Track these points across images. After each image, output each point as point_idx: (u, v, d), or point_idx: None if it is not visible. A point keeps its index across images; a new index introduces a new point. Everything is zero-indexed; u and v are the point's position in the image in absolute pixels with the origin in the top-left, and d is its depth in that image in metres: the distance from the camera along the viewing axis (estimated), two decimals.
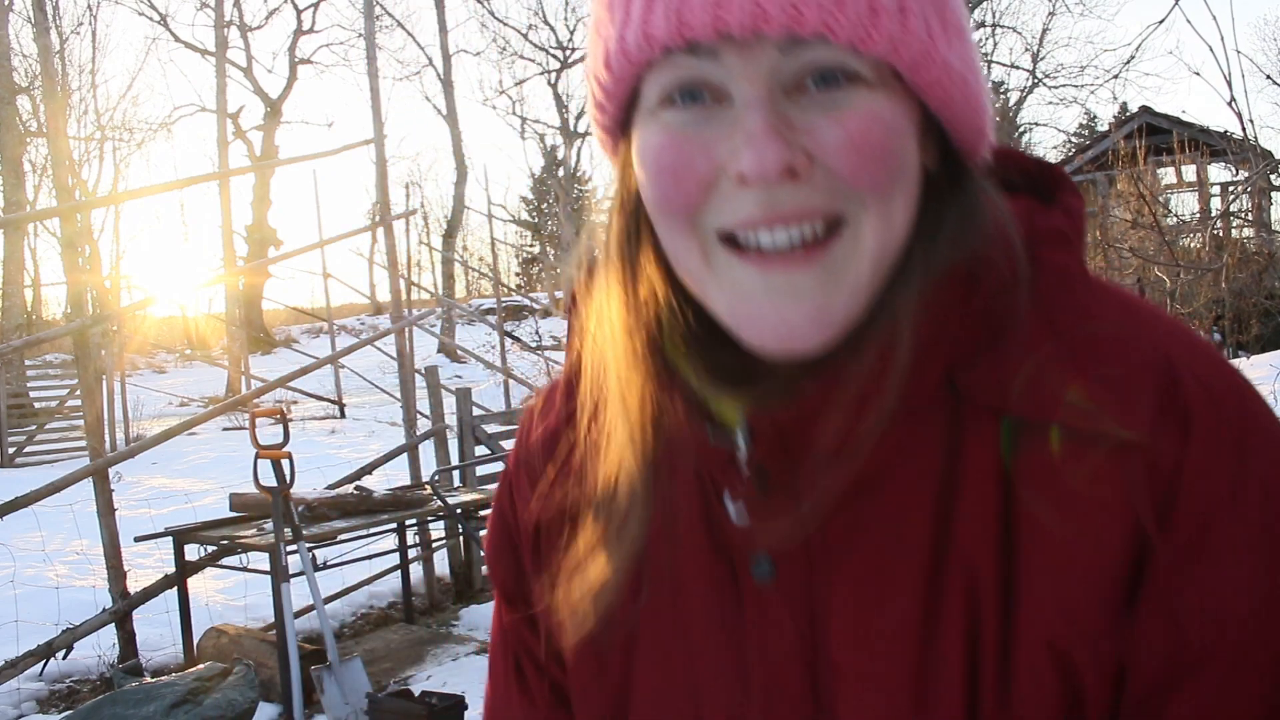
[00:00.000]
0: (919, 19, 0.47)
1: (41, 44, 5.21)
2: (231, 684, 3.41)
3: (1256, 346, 8.70)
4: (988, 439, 0.50)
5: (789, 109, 0.48)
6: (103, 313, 6.82)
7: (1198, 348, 0.51)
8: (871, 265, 0.49)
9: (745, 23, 0.45)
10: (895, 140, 0.48)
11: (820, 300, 0.49)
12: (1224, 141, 6.35)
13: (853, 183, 0.48)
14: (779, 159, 0.46)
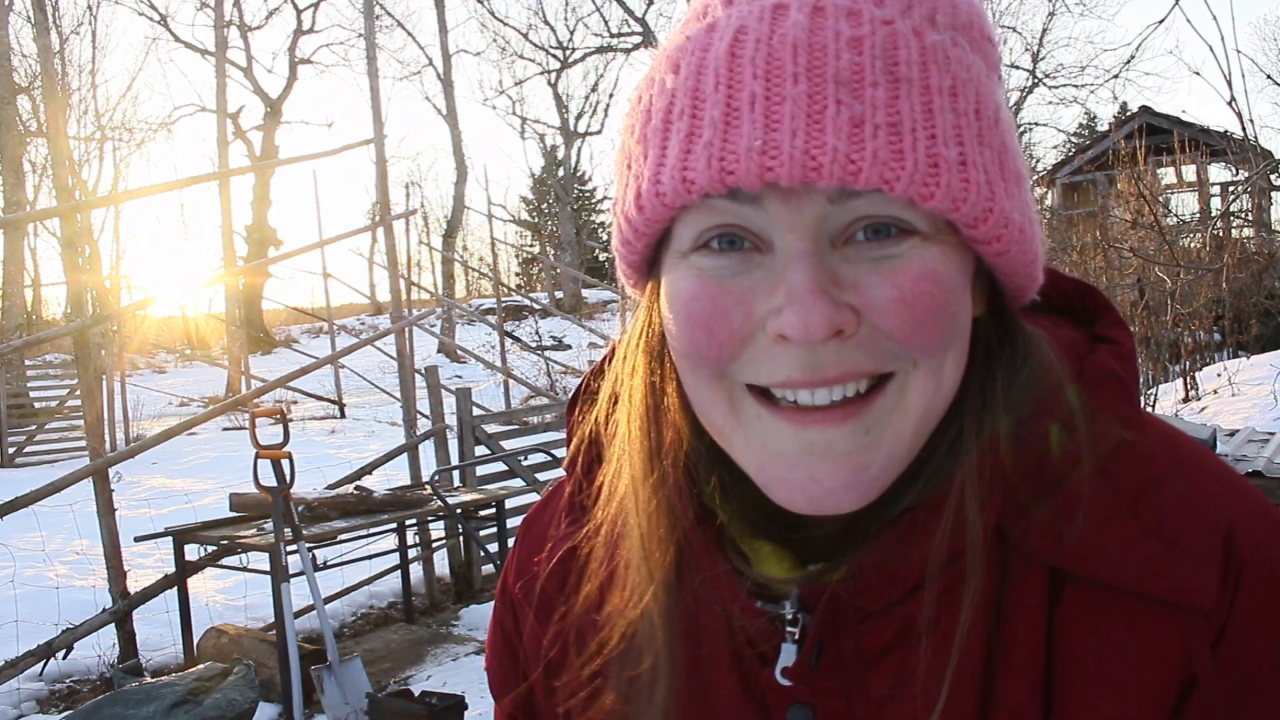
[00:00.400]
0: (980, 170, 0.44)
1: (41, 44, 5.21)
2: (231, 684, 3.41)
3: (1257, 346, 8.70)
4: (1034, 589, 0.49)
5: (836, 262, 0.45)
6: (103, 313, 6.82)
7: (1256, 509, 0.50)
8: (915, 424, 0.47)
9: (795, 174, 0.42)
10: (950, 297, 0.46)
11: (857, 460, 0.46)
12: (1224, 141, 6.34)
13: (904, 344, 0.45)
14: (825, 321, 0.43)
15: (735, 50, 0.44)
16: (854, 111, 0.42)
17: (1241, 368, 7.46)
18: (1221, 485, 0.51)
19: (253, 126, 27.92)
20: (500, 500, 5.03)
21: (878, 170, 0.42)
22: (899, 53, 0.43)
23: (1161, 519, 0.48)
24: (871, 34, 0.43)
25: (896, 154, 0.42)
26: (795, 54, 0.43)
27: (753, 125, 0.42)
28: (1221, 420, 5.75)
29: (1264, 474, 3.22)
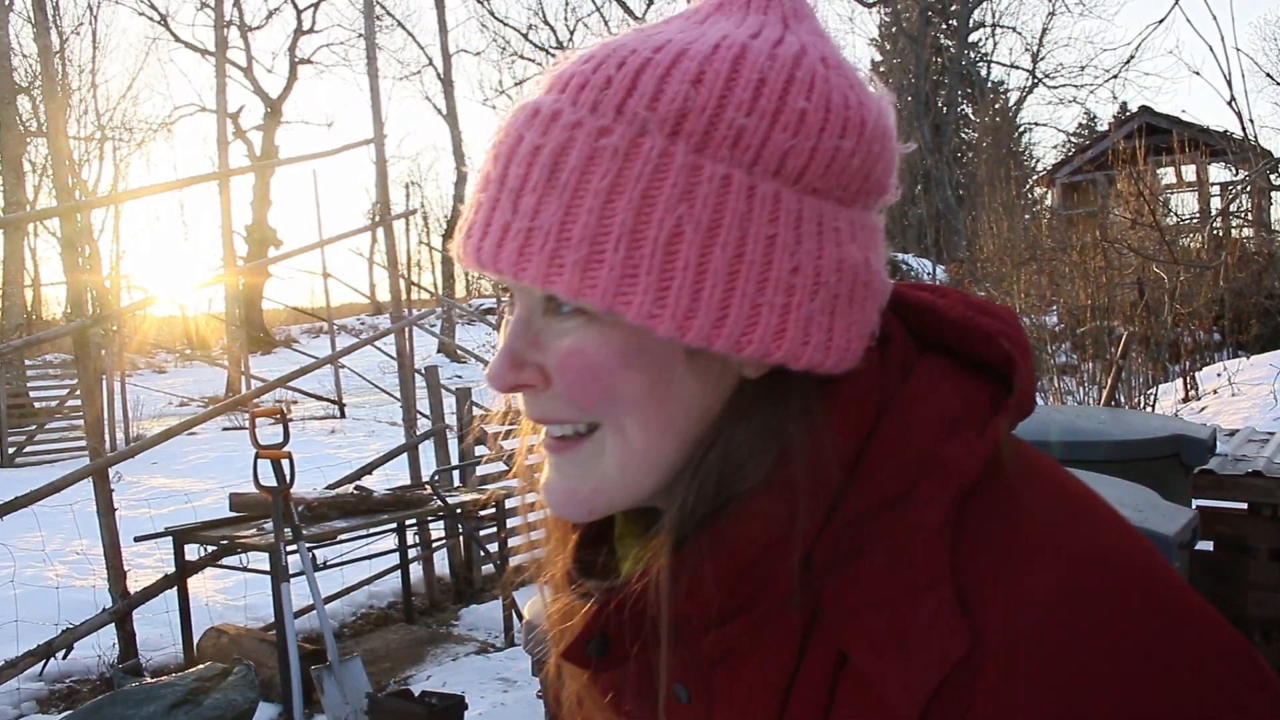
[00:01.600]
0: (615, 267, 0.48)
1: (41, 44, 5.21)
2: (231, 684, 3.41)
3: (1256, 346, 8.69)
4: (826, 653, 0.51)
5: (543, 325, 0.54)
6: (103, 312, 6.82)
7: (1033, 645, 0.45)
8: (615, 471, 0.54)
9: (472, 265, 0.52)
10: (598, 372, 0.52)
11: (569, 485, 0.56)
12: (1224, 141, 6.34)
13: (574, 402, 0.53)
14: (499, 380, 0.54)
15: (488, 150, 0.54)
16: (505, 219, 0.50)
17: (1241, 367, 7.46)
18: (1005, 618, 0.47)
19: (253, 126, 27.95)
20: (500, 500, 5.03)
21: (512, 268, 0.50)
22: (567, 158, 0.49)
23: (910, 625, 0.48)
24: (550, 141, 0.50)
25: (526, 255, 0.50)
26: (495, 161, 0.52)
27: (463, 224, 0.54)
28: (1221, 420, 5.74)
29: (1264, 473, 3.22)
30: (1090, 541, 0.50)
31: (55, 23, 22.72)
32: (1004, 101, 25.16)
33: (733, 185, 0.49)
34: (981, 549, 0.49)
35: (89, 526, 4.59)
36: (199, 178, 14.07)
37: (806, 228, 0.50)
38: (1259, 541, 3.14)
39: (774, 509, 0.52)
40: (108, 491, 4.27)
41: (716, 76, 0.49)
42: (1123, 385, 6.07)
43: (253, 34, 27.88)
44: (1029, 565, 0.48)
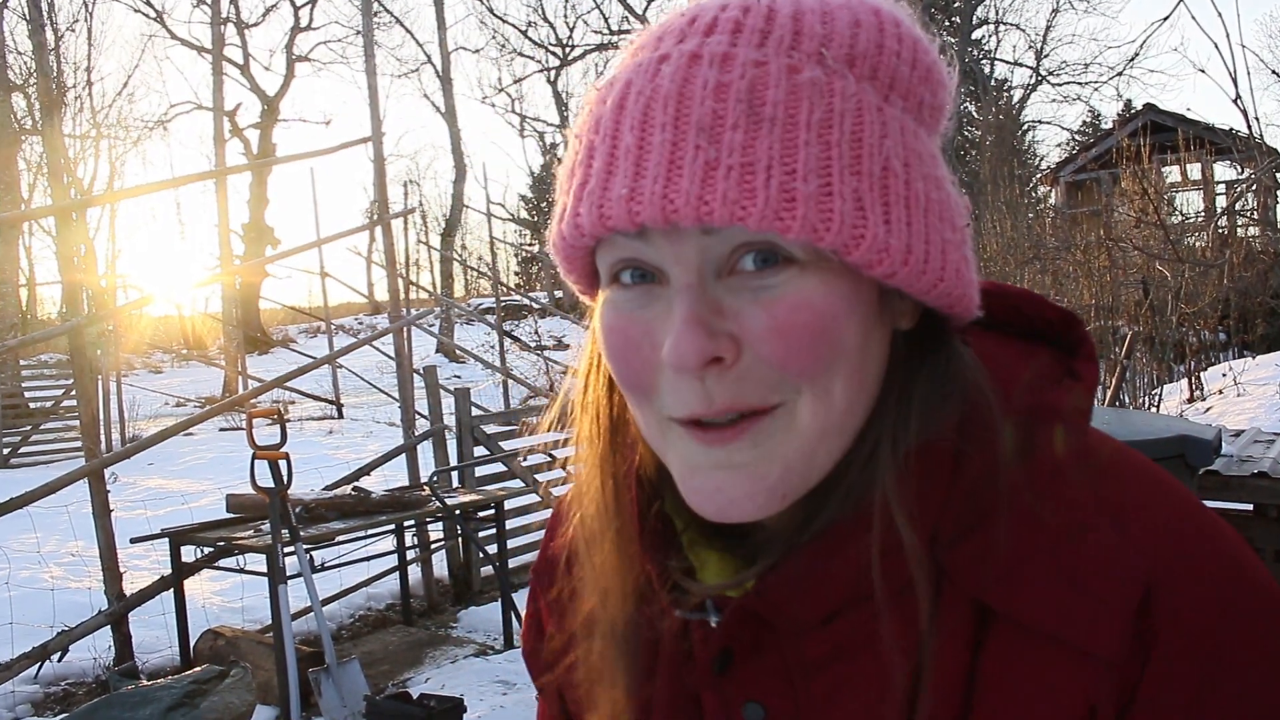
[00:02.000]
0: (847, 200, 0.46)
1: (36, 41, 5.17)
2: (228, 686, 3.39)
3: (1262, 346, 8.70)
4: (961, 621, 0.50)
5: (720, 292, 0.48)
6: (98, 312, 6.79)
7: (1193, 571, 0.49)
8: (810, 442, 0.49)
9: (657, 218, 0.45)
10: (828, 324, 0.47)
11: (755, 471, 0.49)
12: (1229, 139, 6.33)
13: (783, 372, 0.48)
14: (696, 351, 0.46)
15: (621, 105, 0.48)
16: (709, 156, 0.45)
17: (1247, 367, 7.46)
18: (1157, 540, 0.50)
19: (250, 124, 27.91)
20: (499, 501, 5.00)
21: (729, 209, 0.44)
22: (766, 93, 0.46)
23: (1078, 566, 0.49)
24: (740, 78, 0.46)
25: (748, 192, 0.44)
26: (665, 105, 0.47)
27: (624, 175, 0.47)
28: (1227, 420, 5.73)
29: (1269, 474, 3.19)
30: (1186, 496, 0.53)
31: (50, 19, 22.66)
32: (1007, 99, 25.21)
33: (907, 127, 0.49)
34: (1115, 488, 0.51)
35: (85, 528, 4.56)
36: (195, 176, 14.06)
37: (944, 171, 0.51)
38: (1265, 543, 3.12)
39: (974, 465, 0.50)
40: (104, 492, 4.25)
41: (869, 22, 0.49)
42: (1127, 385, 6.06)
43: (250, 31, 27.88)
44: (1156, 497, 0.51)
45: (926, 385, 0.51)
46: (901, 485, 0.49)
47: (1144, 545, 0.49)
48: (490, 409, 8.13)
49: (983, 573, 0.49)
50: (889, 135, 0.47)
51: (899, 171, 0.47)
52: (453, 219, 24.44)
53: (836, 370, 0.48)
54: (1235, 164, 10.41)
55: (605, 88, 0.51)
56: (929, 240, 0.48)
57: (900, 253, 0.47)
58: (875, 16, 0.49)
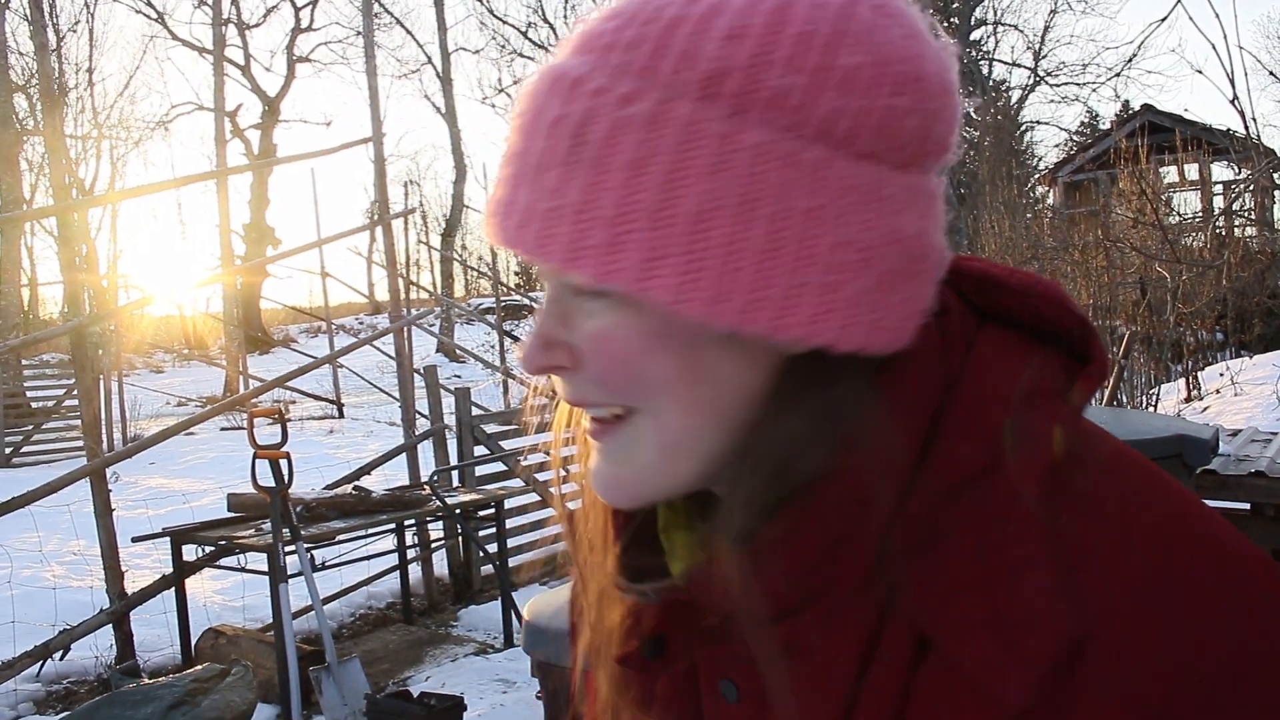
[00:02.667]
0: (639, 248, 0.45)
1: (38, 41, 5.19)
2: (229, 685, 3.40)
3: (1259, 346, 8.69)
4: (903, 642, 0.48)
5: (574, 305, 0.51)
6: (100, 312, 6.80)
7: (1145, 620, 0.44)
8: (657, 453, 0.51)
9: (500, 244, 0.50)
10: (630, 356, 0.49)
11: (611, 470, 0.53)
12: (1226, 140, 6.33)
13: (606, 386, 0.51)
14: (530, 360, 0.52)
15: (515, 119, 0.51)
16: (530, 198, 0.48)
17: (1244, 367, 7.45)
18: (1108, 590, 0.45)
19: (251, 125, 27.94)
20: (499, 500, 5.02)
21: (532, 250, 0.48)
22: (588, 131, 0.46)
23: (1008, 607, 0.45)
24: (573, 113, 0.47)
25: (548, 238, 0.47)
26: (519, 134, 0.49)
27: (491, 197, 0.51)
28: (1224, 420, 5.74)
29: (1267, 474, 3.20)
30: (1179, 515, 0.48)
31: (52, 20, 22.69)
32: (1006, 100, 25.15)
33: (773, 153, 0.44)
34: (1075, 523, 0.47)
35: (86, 527, 4.57)
36: (197, 176, 14.08)
37: (856, 197, 0.46)
38: (1262, 542, 3.11)
39: (843, 496, 0.48)
40: (105, 492, 4.26)
41: (757, 31, 0.45)
42: (1125, 385, 6.06)
43: (250, 32, 27.88)
44: (1127, 540, 0.47)
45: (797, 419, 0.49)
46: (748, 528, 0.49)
47: (1088, 596, 0.45)
48: (490, 409, 8.13)
49: (923, 597, 0.47)
50: (730, 170, 0.44)
51: (726, 212, 0.44)
52: (453, 219, 24.45)
53: (658, 397, 0.50)
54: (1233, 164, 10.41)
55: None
56: (766, 284, 0.45)
57: (711, 298, 0.45)
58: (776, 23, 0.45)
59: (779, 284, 0.45)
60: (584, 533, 0.61)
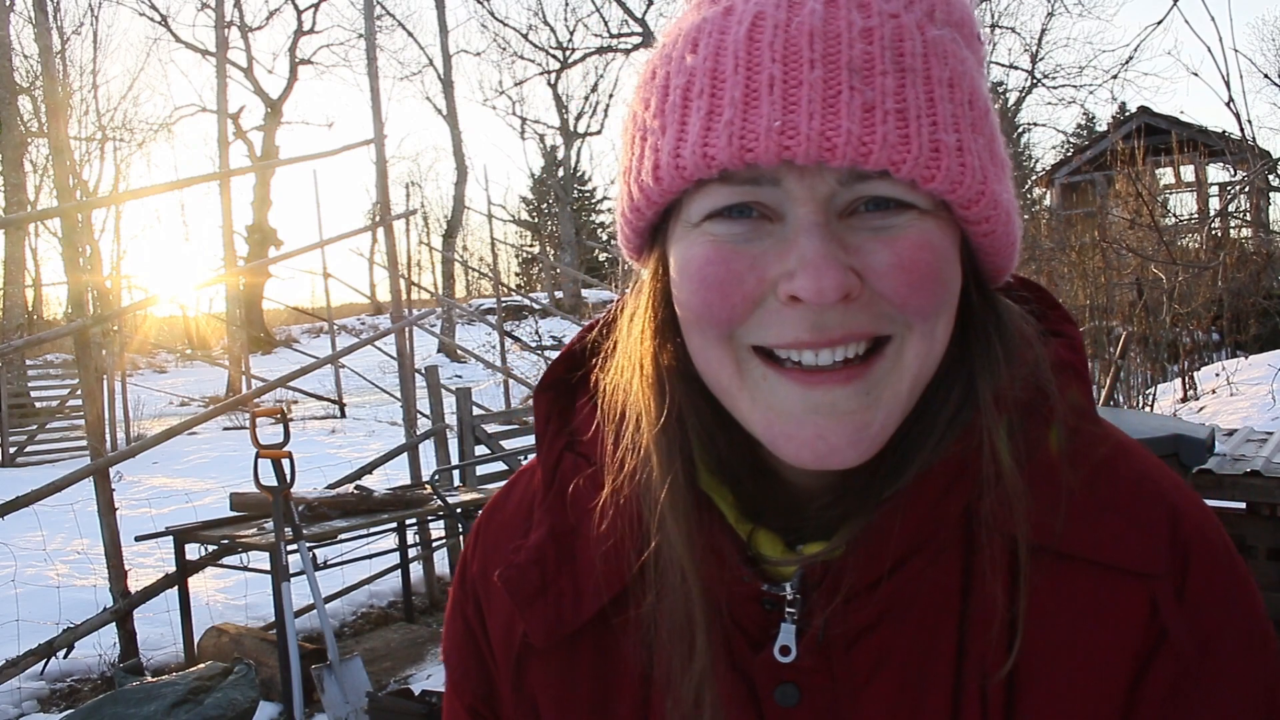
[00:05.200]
0: (975, 156, 0.48)
1: (42, 44, 5.22)
2: (232, 683, 3.41)
3: (1255, 346, 8.70)
4: (999, 560, 0.52)
5: (841, 230, 0.48)
6: (103, 312, 6.83)
7: (1189, 496, 0.56)
8: (910, 384, 0.50)
9: (811, 154, 0.44)
10: (944, 266, 0.49)
11: (860, 419, 0.49)
12: (1222, 141, 6.35)
13: (901, 307, 0.48)
14: (836, 285, 0.46)
15: (754, 34, 0.46)
16: (866, 97, 0.45)
17: (1240, 367, 7.46)
18: (1159, 470, 0.57)
19: (253, 127, 27.96)
20: None
21: (886, 153, 0.44)
22: (905, 44, 0.46)
23: (1116, 495, 0.54)
24: (881, 25, 0.46)
25: (903, 139, 0.45)
26: (812, 41, 0.45)
27: (772, 106, 0.45)
28: (1220, 420, 5.74)
29: (1262, 473, 3.21)
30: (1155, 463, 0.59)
31: (56, 23, 22.73)
32: (1003, 101, 25.15)
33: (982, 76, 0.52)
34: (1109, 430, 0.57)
35: (90, 526, 4.60)
36: (200, 178, 14.10)
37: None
38: (1258, 541, 3.13)
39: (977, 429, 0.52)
40: (108, 491, 4.28)
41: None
42: (1121, 385, 6.07)
43: (253, 34, 27.91)
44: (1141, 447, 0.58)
45: (1000, 338, 0.53)
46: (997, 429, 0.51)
47: (1156, 475, 0.56)
48: (491, 408, 8.16)
49: (1020, 513, 0.51)
50: (989, 100, 0.50)
51: (997, 134, 0.51)
52: (454, 220, 24.45)
53: (943, 311, 0.49)
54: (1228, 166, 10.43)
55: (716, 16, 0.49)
56: (1013, 202, 0.52)
57: (1005, 213, 0.50)
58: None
59: (1014, 204, 0.52)
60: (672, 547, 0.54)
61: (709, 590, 0.54)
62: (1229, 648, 0.53)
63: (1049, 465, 0.52)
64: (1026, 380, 0.53)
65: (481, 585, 0.65)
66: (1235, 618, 0.54)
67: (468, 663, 0.66)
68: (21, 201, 13.50)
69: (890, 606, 0.52)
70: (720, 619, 0.55)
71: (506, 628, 0.63)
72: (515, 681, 0.62)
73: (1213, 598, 0.53)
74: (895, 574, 0.51)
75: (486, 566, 0.65)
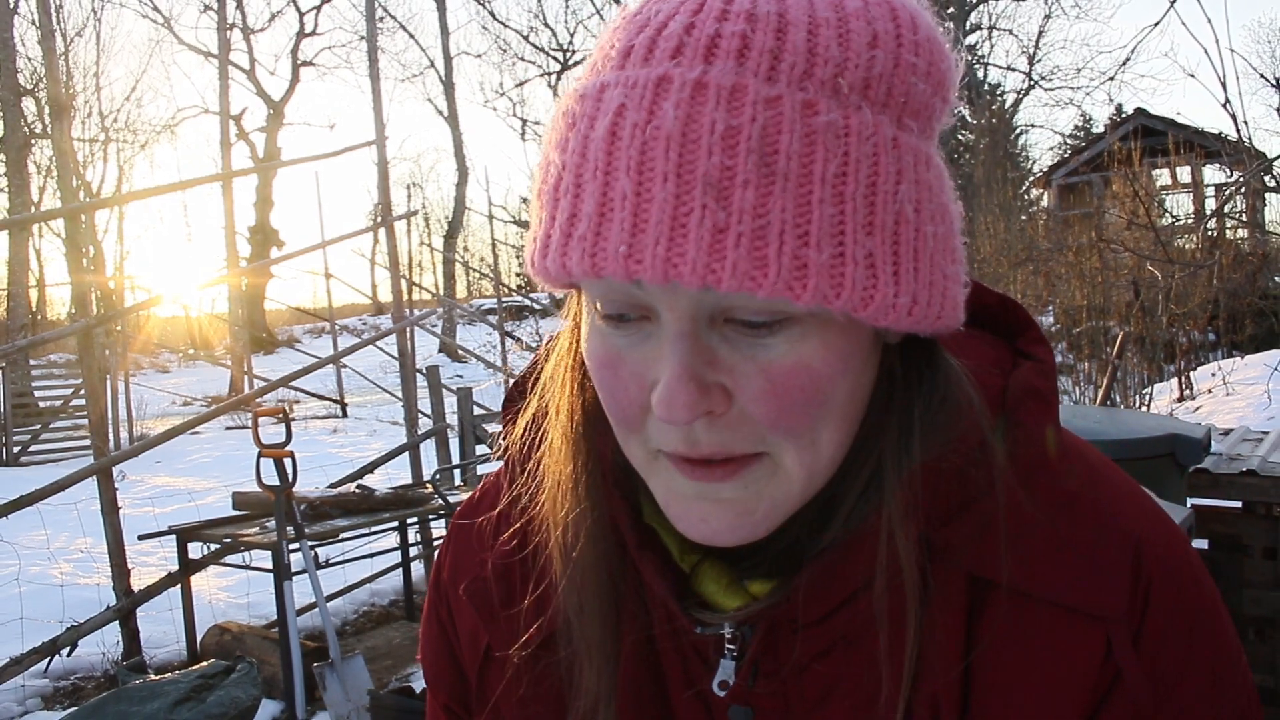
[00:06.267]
0: (859, 263, 0.43)
1: (46, 46, 5.24)
2: (234, 681, 3.43)
3: (1251, 346, 8.69)
4: (955, 596, 0.52)
5: (715, 340, 0.46)
6: (107, 313, 6.85)
7: (1159, 525, 0.54)
8: (796, 485, 0.49)
9: (658, 277, 0.42)
10: (823, 384, 0.46)
11: (741, 507, 0.49)
12: (1218, 143, 6.36)
13: (771, 429, 0.46)
14: (688, 406, 0.45)
15: (614, 133, 0.43)
16: (718, 219, 0.41)
17: (1236, 367, 7.44)
18: (1129, 502, 0.55)
19: (255, 128, 28.01)
20: None
21: (737, 280, 0.41)
22: (779, 142, 0.41)
23: (1076, 533, 0.52)
24: (751, 123, 0.41)
25: (758, 262, 0.41)
26: (668, 149, 0.41)
27: (621, 225, 0.42)
28: (1216, 419, 5.75)
29: (1258, 472, 3.22)
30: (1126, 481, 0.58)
31: (59, 25, 22.76)
32: (1001, 103, 25.13)
33: (919, 156, 0.45)
34: (1079, 460, 0.55)
35: (93, 525, 4.61)
36: (202, 179, 14.10)
37: (945, 183, 0.48)
38: (1253, 540, 3.14)
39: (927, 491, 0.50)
40: (112, 490, 4.30)
41: (886, 34, 0.44)
42: (1118, 385, 6.08)
43: (255, 36, 27.97)
44: (1114, 471, 0.57)
45: (925, 402, 0.51)
46: (906, 505, 0.49)
47: (1123, 509, 0.53)
48: (492, 408, 8.17)
49: (978, 548, 0.50)
50: (903, 178, 0.44)
51: (910, 219, 0.44)
52: (455, 221, 24.49)
53: (825, 423, 0.47)
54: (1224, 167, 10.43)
55: (590, 98, 0.45)
56: (932, 284, 0.46)
57: (906, 306, 0.45)
58: (893, 24, 0.45)
59: (939, 283, 0.47)
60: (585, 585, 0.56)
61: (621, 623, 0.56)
62: (1191, 688, 0.52)
63: (1006, 501, 0.51)
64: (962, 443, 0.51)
65: (452, 591, 0.66)
66: (1198, 657, 0.52)
67: (442, 663, 0.68)
68: (25, 202, 13.53)
69: (841, 636, 0.52)
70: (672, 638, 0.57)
71: (473, 635, 0.64)
72: (480, 688, 0.64)
73: (1173, 638, 0.51)
74: (844, 608, 0.51)
75: (456, 574, 0.66)
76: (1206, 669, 0.52)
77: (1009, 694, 0.51)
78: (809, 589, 0.51)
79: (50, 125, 5.58)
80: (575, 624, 0.56)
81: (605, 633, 0.55)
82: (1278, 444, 3.40)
